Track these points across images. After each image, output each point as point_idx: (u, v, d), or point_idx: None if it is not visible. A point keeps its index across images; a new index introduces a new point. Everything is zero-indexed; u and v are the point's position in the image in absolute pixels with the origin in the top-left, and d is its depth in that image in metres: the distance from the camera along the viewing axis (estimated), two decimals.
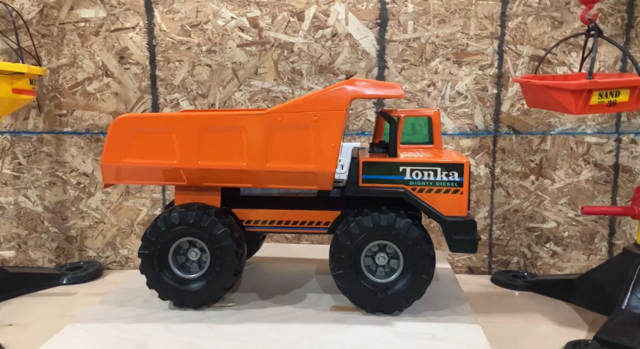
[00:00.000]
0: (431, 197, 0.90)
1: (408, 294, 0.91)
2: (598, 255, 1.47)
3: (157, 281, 0.93)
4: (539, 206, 1.48)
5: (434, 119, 1.04)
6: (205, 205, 0.94)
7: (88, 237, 1.56)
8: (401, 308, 0.92)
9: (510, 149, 1.47)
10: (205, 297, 0.94)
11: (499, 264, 1.52)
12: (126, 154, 0.93)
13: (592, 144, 1.45)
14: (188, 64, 1.48)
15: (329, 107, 0.87)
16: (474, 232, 0.90)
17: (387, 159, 0.92)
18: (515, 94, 1.45)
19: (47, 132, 1.51)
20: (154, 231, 0.92)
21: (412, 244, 0.89)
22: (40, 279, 1.41)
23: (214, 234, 0.91)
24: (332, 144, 0.88)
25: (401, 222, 0.89)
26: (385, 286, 0.92)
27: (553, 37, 1.42)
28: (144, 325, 0.89)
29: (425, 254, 0.90)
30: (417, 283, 0.91)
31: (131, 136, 0.92)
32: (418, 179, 0.90)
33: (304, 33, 1.45)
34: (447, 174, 0.89)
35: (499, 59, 1.44)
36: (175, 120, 0.92)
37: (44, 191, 1.53)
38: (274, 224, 0.98)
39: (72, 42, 1.48)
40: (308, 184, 0.92)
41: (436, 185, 0.90)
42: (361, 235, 0.90)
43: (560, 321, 1.17)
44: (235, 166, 0.90)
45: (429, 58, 1.45)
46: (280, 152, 0.89)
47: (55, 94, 1.50)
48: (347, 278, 0.91)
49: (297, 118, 0.88)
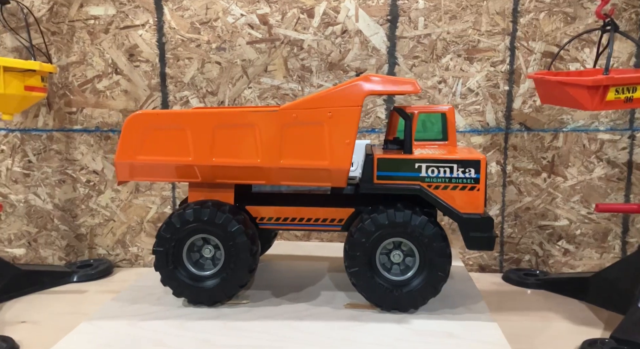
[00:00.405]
0: (447, 194, 0.89)
1: (424, 292, 0.91)
2: (611, 253, 1.46)
3: (171, 278, 0.93)
4: (551, 203, 1.47)
5: (448, 115, 1.03)
6: (219, 202, 0.94)
7: (98, 235, 1.56)
8: (417, 306, 0.92)
9: (522, 146, 1.46)
10: (219, 294, 0.93)
11: (511, 262, 1.51)
12: (140, 151, 0.93)
13: (605, 141, 1.43)
14: (198, 62, 1.47)
15: (343, 104, 0.86)
16: (491, 229, 0.89)
17: (402, 155, 0.91)
18: (527, 91, 1.44)
19: (57, 130, 1.51)
20: (168, 228, 0.92)
21: (428, 241, 0.89)
22: (51, 276, 1.41)
23: (229, 231, 0.90)
24: (346, 140, 0.87)
25: (417, 220, 0.88)
26: (401, 284, 0.91)
27: (566, 33, 1.41)
28: (158, 322, 0.89)
29: (441, 251, 0.89)
30: (433, 280, 0.90)
31: (145, 133, 0.92)
32: (434, 176, 0.89)
33: (313, 30, 1.45)
34: (464, 170, 0.88)
35: (510, 55, 1.43)
36: (189, 117, 0.91)
37: (54, 188, 1.53)
38: (287, 222, 0.97)
39: (81, 40, 1.48)
40: (322, 181, 0.91)
41: (452, 182, 0.89)
42: (376, 232, 0.89)
43: (574, 320, 1.16)
44: (249, 162, 0.90)
45: (440, 55, 1.44)
46: (294, 149, 0.89)
47: (65, 91, 1.50)
48: (362, 276, 0.90)
49: (311, 114, 0.87)
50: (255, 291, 1.02)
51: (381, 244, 0.90)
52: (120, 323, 0.89)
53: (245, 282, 0.94)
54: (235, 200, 0.98)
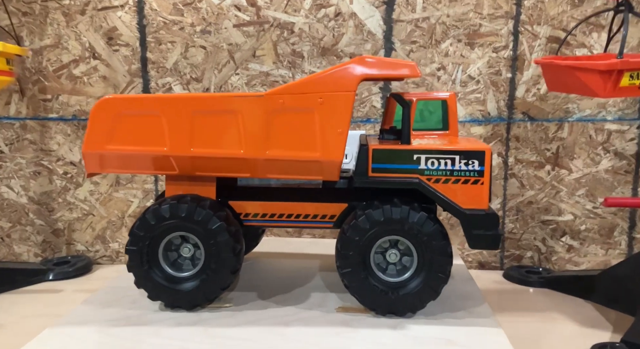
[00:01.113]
0: (448, 188, 0.82)
1: (422, 295, 0.83)
2: (617, 249, 1.39)
3: (146, 279, 0.85)
4: (554, 197, 1.40)
5: (449, 103, 0.95)
6: (199, 197, 0.86)
7: (76, 230, 1.47)
8: (414, 310, 0.85)
9: (524, 137, 1.39)
10: (199, 297, 0.85)
11: (512, 259, 1.44)
12: (110, 140, 0.84)
13: (612, 131, 1.36)
14: (181, 46, 1.38)
15: (335, 89, 0.78)
16: (496, 226, 0.82)
17: (399, 146, 0.84)
18: (530, 79, 1.36)
19: (30, 118, 1.42)
20: (142, 225, 0.84)
21: (427, 239, 0.81)
22: (24, 274, 1.32)
23: (209, 228, 0.82)
24: (339, 129, 0.79)
25: (415, 216, 0.81)
26: (397, 286, 0.83)
27: (573, 16, 1.33)
28: (131, 329, 0.81)
29: (441, 250, 0.82)
30: (432, 282, 0.83)
31: (116, 119, 0.84)
32: (434, 168, 0.82)
33: (305, 12, 1.36)
34: (467, 162, 0.81)
35: (514, 40, 1.35)
36: (164, 102, 0.83)
37: (29, 181, 1.44)
38: (274, 218, 0.89)
39: (56, 22, 1.38)
40: (312, 174, 0.83)
41: (454, 175, 0.81)
42: (371, 230, 0.82)
43: (581, 321, 1.09)
44: (232, 153, 0.82)
45: (439, 39, 1.36)
46: (281, 138, 0.81)
47: (39, 77, 1.40)
48: (356, 277, 0.83)
49: (300, 100, 0.79)
50: (239, 293, 0.94)
51: (376, 242, 0.83)
52: (88, 329, 0.81)
53: (227, 284, 0.86)
54: (217, 194, 0.89)
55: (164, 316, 0.85)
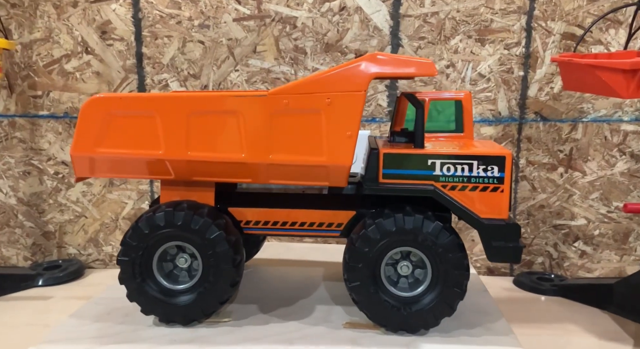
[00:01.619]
0: (465, 196, 0.76)
1: (436, 311, 0.78)
2: (632, 256, 1.34)
3: (139, 293, 0.80)
4: (567, 201, 1.34)
5: (464, 103, 0.89)
6: (196, 203, 0.80)
7: (68, 232, 1.41)
8: (428, 327, 0.79)
9: (537, 137, 1.33)
10: (196, 312, 0.80)
11: (522, 265, 1.38)
12: (101, 142, 0.78)
13: (629, 132, 1.30)
14: (178, 41, 1.32)
15: (345, 88, 0.73)
16: (517, 238, 0.76)
17: (412, 150, 0.78)
18: (544, 77, 1.30)
19: (20, 115, 1.35)
20: (135, 234, 0.78)
21: (442, 251, 0.76)
22: (12, 280, 1.27)
23: (207, 237, 0.77)
24: (348, 132, 0.74)
25: (430, 226, 0.75)
26: (410, 301, 0.78)
27: (589, 11, 1.27)
28: (121, 347, 0.75)
29: (458, 263, 0.76)
30: (447, 297, 0.77)
31: (107, 120, 0.78)
32: (450, 174, 0.76)
33: (308, 6, 1.29)
34: (485, 168, 0.75)
35: (526, 36, 1.29)
36: (159, 101, 0.78)
37: (18, 181, 1.38)
38: (277, 226, 0.83)
39: (46, 14, 1.31)
40: (318, 180, 0.78)
41: (472, 181, 0.76)
42: (382, 241, 0.76)
43: (599, 333, 1.04)
44: (232, 157, 0.76)
45: (449, 35, 1.30)
46: (285, 141, 0.75)
47: (29, 72, 1.34)
48: (365, 291, 0.77)
49: (306, 101, 0.74)
50: (239, 305, 0.88)
51: (387, 254, 0.77)
52: (75, 348, 0.74)
53: (226, 298, 0.80)
54: (216, 201, 0.83)
55: (158, 332, 0.79)
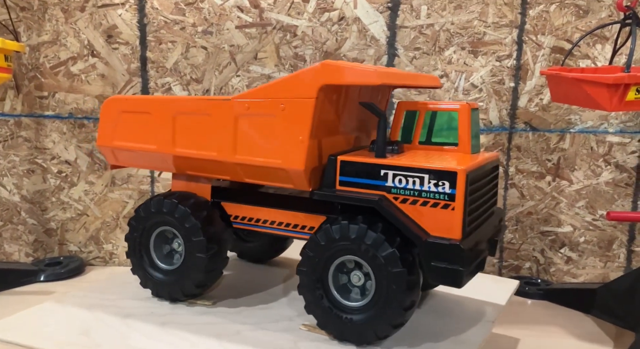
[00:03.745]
0: (417, 211, 0.71)
1: (376, 327, 0.72)
2: (616, 262, 1.39)
3: (138, 267, 0.89)
4: (554, 208, 1.39)
5: (460, 115, 0.83)
6: (188, 194, 0.87)
7: (69, 230, 1.45)
8: (367, 342, 0.74)
9: (526, 147, 1.38)
10: (176, 291, 0.86)
11: (510, 270, 1.43)
12: (116, 136, 0.89)
13: (614, 143, 1.35)
14: (182, 46, 1.36)
15: (296, 95, 0.74)
16: (459, 261, 0.68)
17: (368, 159, 0.75)
18: (533, 88, 1.36)
19: (25, 115, 1.39)
20: (136, 216, 0.88)
21: (382, 264, 0.70)
22: (14, 275, 1.30)
23: (185, 226, 0.83)
24: (299, 137, 0.74)
25: (371, 237, 0.70)
26: (351, 311, 0.74)
27: (577, 27, 1.32)
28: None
29: (397, 280, 0.70)
30: (387, 315, 0.71)
31: (119, 117, 0.89)
32: (401, 186, 0.72)
33: (308, 15, 1.34)
34: (436, 183, 0.70)
35: (517, 49, 1.34)
36: (154, 102, 0.86)
37: (22, 179, 1.41)
38: (259, 223, 0.87)
39: (54, 18, 1.35)
40: (282, 182, 0.79)
41: (422, 196, 0.71)
42: (327, 247, 0.74)
43: (581, 335, 1.08)
44: (208, 155, 0.82)
45: (443, 47, 1.35)
46: (247, 143, 0.79)
47: (36, 73, 1.37)
48: (311, 295, 0.76)
49: (263, 106, 0.76)
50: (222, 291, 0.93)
51: (335, 261, 0.75)
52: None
53: (201, 283, 0.85)
54: (213, 194, 0.89)
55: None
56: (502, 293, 0.98)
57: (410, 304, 0.71)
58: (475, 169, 0.72)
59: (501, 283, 1.04)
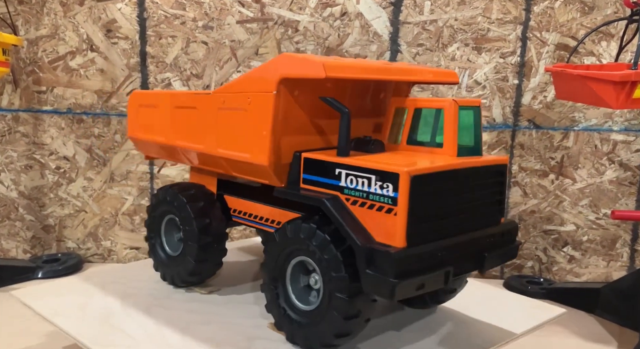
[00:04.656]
0: (365, 214, 0.65)
1: (320, 334, 0.68)
2: (619, 261, 1.38)
3: (152, 251, 0.92)
4: (557, 207, 1.38)
5: (446, 113, 0.73)
6: (193, 186, 0.88)
7: (67, 226, 1.43)
8: (312, 347, 0.70)
9: (529, 144, 1.37)
10: (175, 278, 0.88)
11: (512, 269, 1.42)
12: (137, 128, 0.94)
13: (618, 142, 1.34)
14: (182, 41, 1.34)
15: (259, 89, 0.72)
16: (392, 271, 0.60)
17: (325, 157, 0.70)
18: (537, 86, 1.34)
19: (23, 110, 1.38)
20: (150, 203, 0.92)
21: (326, 268, 0.65)
22: (11, 272, 1.28)
23: (182, 215, 0.85)
24: (263, 132, 0.72)
25: (319, 238, 0.66)
26: (301, 314, 0.70)
27: (582, 24, 1.31)
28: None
29: (339, 285, 0.64)
30: (329, 322, 0.66)
31: (138, 111, 0.93)
32: (352, 187, 0.67)
33: (310, 11, 1.33)
34: (382, 185, 0.64)
35: (522, 46, 1.33)
36: (158, 97, 0.89)
37: (19, 174, 1.40)
38: (256, 219, 0.85)
39: (53, 11, 1.34)
40: (258, 177, 0.77)
41: (369, 198, 0.65)
42: (282, 246, 0.71)
43: (584, 335, 1.07)
44: (197, 148, 0.83)
45: (446, 43, 1.33)
46: (225, 137, 0.79)
47: (34, 68, 1.36)
48: (268, 293, 0.74)
49: (235, 99, 0.76)
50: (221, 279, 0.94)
51: (291, 261, 0.71)
52: None
53: (194, 272, 0.86)
54: (219, 186, 0.88)
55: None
56: (526, 320, 0.84)
57: (353, 314, 0.65)
58: (436, 172, 0.64)
59: (538, 309, 0.88)
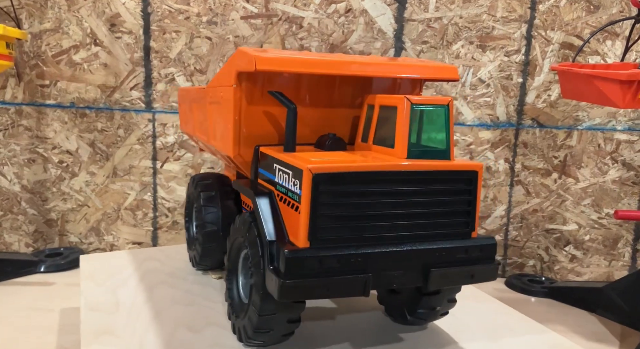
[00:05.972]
0: (285, 211, 0.62)
1: (246, 328, 0.65)
2: (620, 261, 1.38)
3: (187, 230, 0.95)
4: (560, 206, 1.38)
5: (399, 111, 0.63)
6: (214, 175, 0.90)
7: (70, 221, 1.43)
8: (242, 339, 0.67)
9: (532, 143, 1.36)
10: (194, 261, 0.90)
11: (514, 267, 1.42)
12: (182, 122, 0.99)
13: (621, 141, 1.34)
14: (186, 36, 1.34)
15: (225, 82, 0.73)
16: (286, 274, 0.56)
17: (271, 152, 0.68)
18: (541, 84, 1.34)
19: (27, 104, 1.37)
20: (187, 190, 0.95)
21: (252, 262, 0.63)
22: (14, 265, 1.28)
23: (195, 204, 0.89)
24: (228, 124, 0.72)
25: (252, 232, 0.63)
26: (240, 307, 0.68)
27: (587, 23, 1.30)
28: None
29: (258, 280, 0.60)
30: (249, 317, 0.64)
31: (181, 106, 0.99)
32: (280, 182, 0.64)
33: (315, 7, 1.32)
34: (294, 182, 0.61)
35: (526, 45, 1.33)
36: (187, 92, 0.93)
37: (22, 168, 1.40)
38: None
39: (57, 5, 1.33)
40: (240, 169, 0.79)
41: (288, 195, 0.62)
42: (233, 237, 0.70)
43: (586, 334, 1.08)
44: (203, 139, 0.85)
45: (451, 41, 1.33)
46: (212, 129, 0.80)
47: (37, 62, 1.35)
48: (228, 283, 0.72)
49: (214, 93, 0.78)
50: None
51: (240, 253, 0.69)
52: None
53: (203, 255, 0.87)
54: (237, 178, 0.89)
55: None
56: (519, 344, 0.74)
57: (269, 311, 0.61)
58: (349, 172, 0.58)
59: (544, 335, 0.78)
